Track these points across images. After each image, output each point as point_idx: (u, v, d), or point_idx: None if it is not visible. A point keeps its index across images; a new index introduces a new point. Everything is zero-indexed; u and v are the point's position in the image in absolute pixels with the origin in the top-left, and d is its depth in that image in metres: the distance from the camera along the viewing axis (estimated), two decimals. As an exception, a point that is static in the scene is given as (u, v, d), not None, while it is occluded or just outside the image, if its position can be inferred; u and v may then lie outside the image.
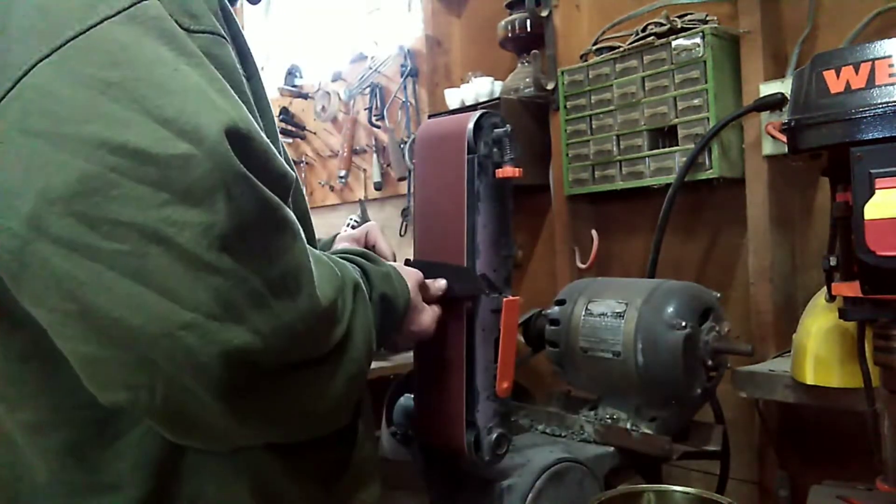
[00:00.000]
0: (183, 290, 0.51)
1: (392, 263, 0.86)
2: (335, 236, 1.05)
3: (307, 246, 0.61)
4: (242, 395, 0.55)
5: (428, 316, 0.91)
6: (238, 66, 0.62)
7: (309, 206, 0.82)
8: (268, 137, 0.58)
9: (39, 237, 0.50)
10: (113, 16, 0.53)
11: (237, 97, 0.57)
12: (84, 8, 0.53)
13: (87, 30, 0.52)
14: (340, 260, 0.73)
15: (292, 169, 0.65)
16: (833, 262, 0.93)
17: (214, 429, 0.57)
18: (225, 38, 0.61)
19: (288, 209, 0.58)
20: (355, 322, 0.66)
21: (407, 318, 0.85)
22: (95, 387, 0.55)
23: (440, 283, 0.97)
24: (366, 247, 1.04)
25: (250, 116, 0.56)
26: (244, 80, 0.63)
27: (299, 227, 0.60)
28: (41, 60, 0.51)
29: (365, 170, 2.72)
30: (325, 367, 0.62)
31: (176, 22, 0.56)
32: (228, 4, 0.65)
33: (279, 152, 0.61)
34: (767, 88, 1.49)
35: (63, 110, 0.51)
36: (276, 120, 0.72)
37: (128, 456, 0.63)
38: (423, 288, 0.92)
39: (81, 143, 0.50)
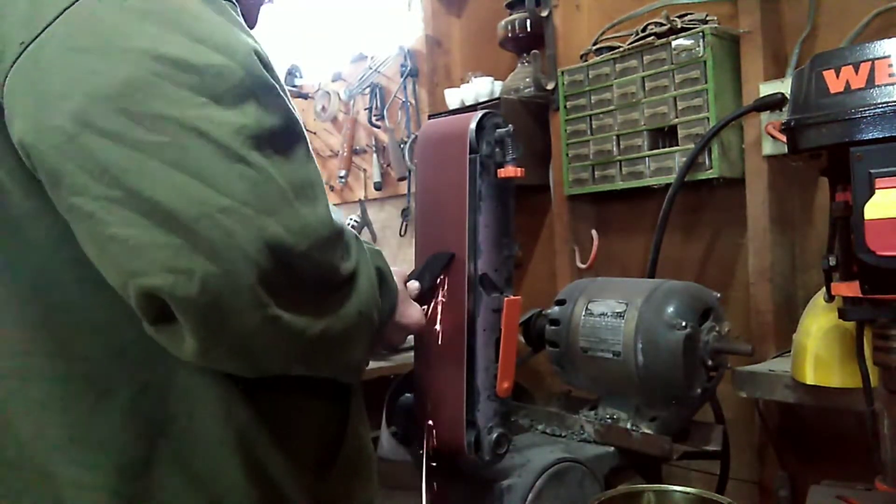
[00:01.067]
0: (220, 178, 0.55)
1: None
2: None
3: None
4: (273, 289, 0.57)
5: (416, 309, 0.91)
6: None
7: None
8: None
9: (85, 130, 0.54)
10: None
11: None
12: None
13: None
14: None
15: None
16: (832, 262, 0.93)
17: (242, 330, 0.57)
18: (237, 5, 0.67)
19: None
20: (361, 264, 0.69)
21: (399, 306, 0.86)
22: (134, 273, 0.55)
23: (413, 285, 0.96)
24: None
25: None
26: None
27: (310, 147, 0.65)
28: None
29: (365, 170, 2.72)
30: (341, 292, 0.65)
31: None
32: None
33: None
34: (767, 88, 1.49)
35: (107, 30, 0.56)
36: None
37: (115, 416, 0.64)
38: (406, 283, 0.92)
39: (126, 52, 0.56)
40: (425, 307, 0.96)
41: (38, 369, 0.64)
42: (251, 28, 0.86)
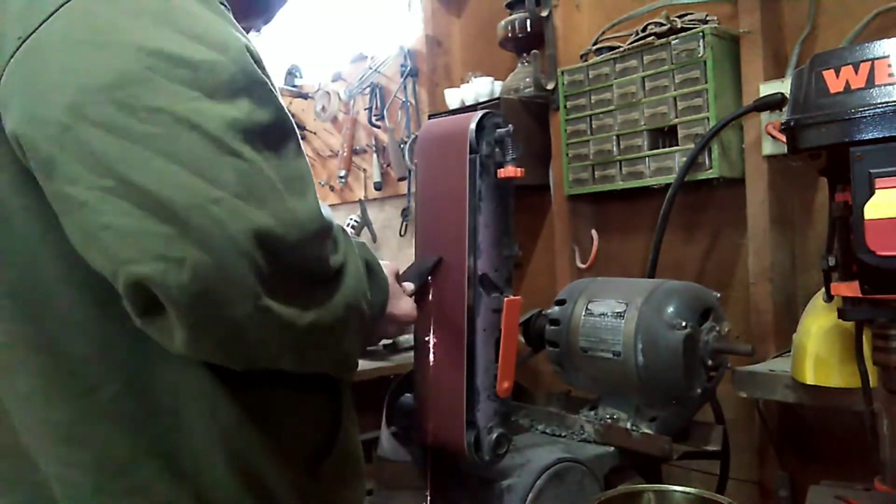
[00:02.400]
0: (212, 170, 0.56)
1: None
2: None
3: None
4: (263, 279, 0.57)
5: (408, 302, 0.90)
6: None
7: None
8: None
9: (80, 122, 0.55)
10: None
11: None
12: None
13: None
14: None
15: None
16: (831, 262, 0.93)
17: (232, 320, 0.57)
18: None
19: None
20: (349, 258, 0.70)
21: (390, 299, 0.85)
22: (125, 261, 0.55)
23: (408, 285, 0.95)
24: None
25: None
26: None
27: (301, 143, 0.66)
28: None
29: (365, 170, 2.72)
30: (329, 285, 0.66)
31: None
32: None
33: None
34: (767, 88, 1.49)
35: (103, 25, 0.57)
36: None
37: (99, 413, 0.64)
38: (398, 278, 0.91)
39: (121, 47, 0.56)
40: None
41: (22, 363, 0.64)
42: (266, 22, 0.89)
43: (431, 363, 1.11)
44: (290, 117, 0.65)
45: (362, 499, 0.83)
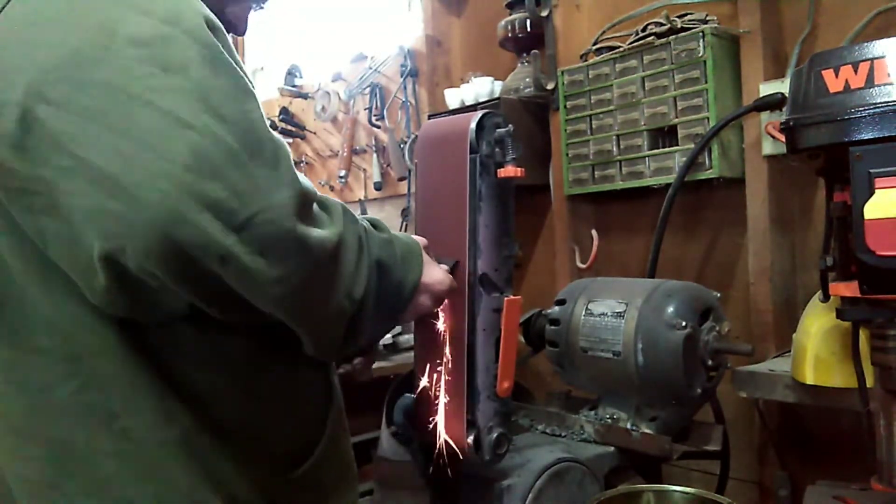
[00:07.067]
0: (161, 143, 0.55)
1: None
2: None
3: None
4: (225, 249, 0.57)
5: (440, 271, 0.88)
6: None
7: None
8: None
9: (38, 102, 0.56)
10: None
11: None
12: None
13: None
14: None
15: None
16: (829, 262, 0.93)
17: (200, 282, 0.59)
18: None
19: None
20: (346, 239, 0.68)
21: (424, 268, 0.84)
22: (97, 237, 0.57)
23: (443, 266, 0.95)
24: None
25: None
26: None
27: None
28: None
29: (365, 170, 2.72)
30: (307, 253, 0.63)
31: None
32: None
33: None
34: (767, 88, 1.49)
35: (63, 6, 0.59)
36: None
37: (55, 410, 0.65)
38: (428, 251, 0.90)
39: (78, 27, 0.58)
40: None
41: (4, 360, 0.65)
42: (242, 34, 0.86)
43: (431, 363, 1.11)
44: (250, 84, 0.64)
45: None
